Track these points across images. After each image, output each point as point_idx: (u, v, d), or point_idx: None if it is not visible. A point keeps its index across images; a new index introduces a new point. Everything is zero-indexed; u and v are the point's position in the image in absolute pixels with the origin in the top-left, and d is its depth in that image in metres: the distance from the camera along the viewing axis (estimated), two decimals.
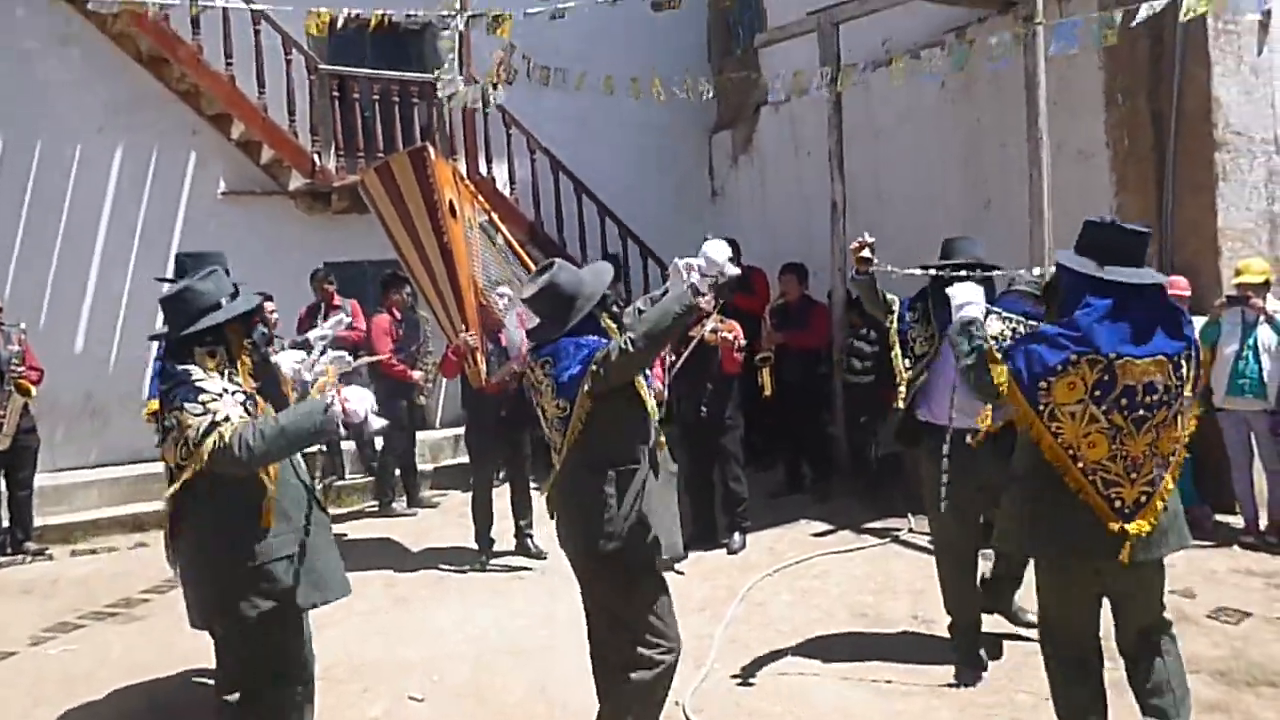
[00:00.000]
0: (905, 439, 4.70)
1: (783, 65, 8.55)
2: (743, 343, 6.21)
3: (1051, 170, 6.31)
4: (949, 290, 3.40)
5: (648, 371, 3.50)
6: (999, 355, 3.09)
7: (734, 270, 3.35)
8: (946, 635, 4.52)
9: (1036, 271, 4.36)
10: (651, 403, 3.42)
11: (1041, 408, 3.00)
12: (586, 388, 3.20)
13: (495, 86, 8.20)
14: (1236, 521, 5.94)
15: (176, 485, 3.07)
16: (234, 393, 3.08)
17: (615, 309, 3.63)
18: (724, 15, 10.86)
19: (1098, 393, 2.95)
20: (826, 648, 4.65)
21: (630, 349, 3.17)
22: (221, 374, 3.11)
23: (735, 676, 4.40)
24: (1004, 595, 4.69)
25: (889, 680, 4.26)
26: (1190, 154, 6.37)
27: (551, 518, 3.51)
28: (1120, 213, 6.70)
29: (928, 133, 8.20)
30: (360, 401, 3.16)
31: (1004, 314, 4.53)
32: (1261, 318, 5.73)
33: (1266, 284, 5.80)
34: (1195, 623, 4.66)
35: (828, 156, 7.76)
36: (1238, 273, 5.82)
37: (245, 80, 8.50)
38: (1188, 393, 3.07)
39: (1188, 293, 5.92)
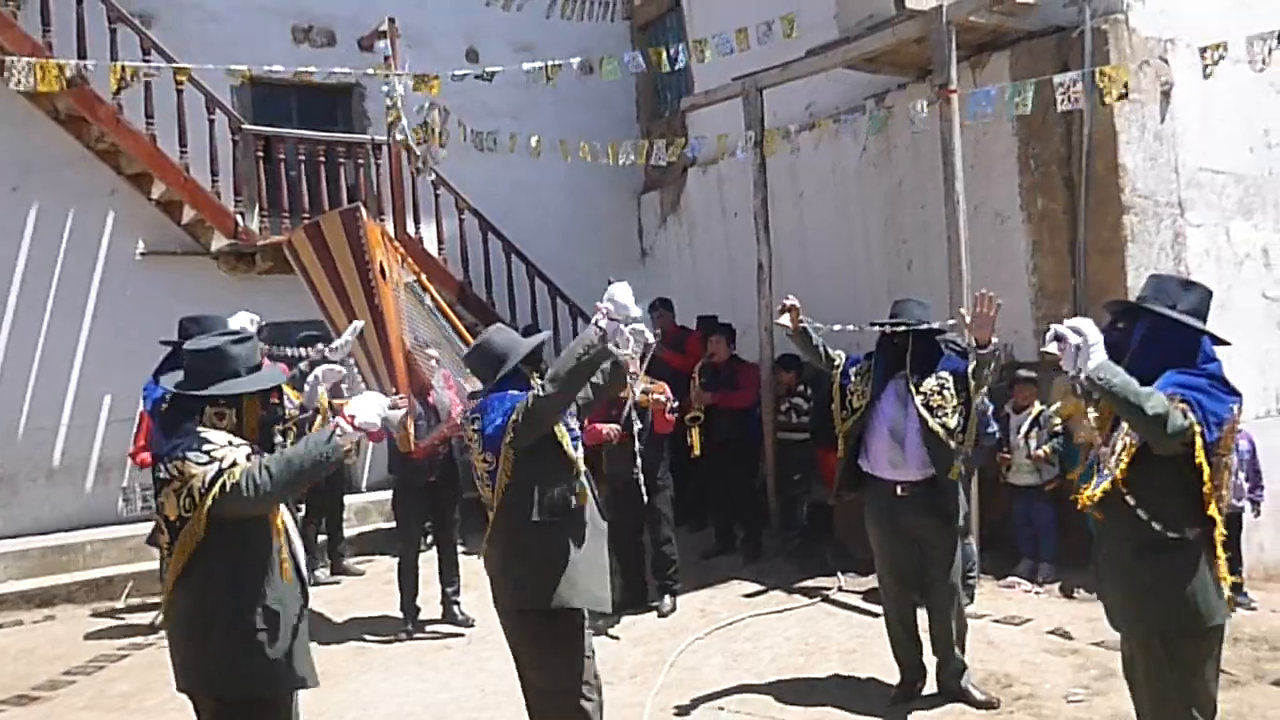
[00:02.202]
0: (848, 484, 4.78)
1: (709, 129, 8.73)
2: (675, 403, 6.21)
3: (969, 232, 6.49)
4: (1069, 322, 3.01)
5: (572, 426, 3.52)
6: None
7: (638, 311, 3.46)
8: (878, 693, 4.59)
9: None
10: (577, 457, 3.47)
11: (1213, 463, 2.92)
12: (508, 439, 3.31)
13: (443, 147, 8.25)
14: None
15: (186, 541, 2.93)
16: (239, 445, 3.01)
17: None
18: (652, 79, 11.05)
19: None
20: (757, 714, 4.59)
21: (541, 394, 3.31)
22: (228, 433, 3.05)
23: None
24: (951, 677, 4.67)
25: None
26: (1100, 217, 6.60)
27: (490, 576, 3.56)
28: (1037, 274, 6.93)
29: (850, 195, 8.38)
30: (368, 408, 3.00)
31: (938, 372, 4.67)
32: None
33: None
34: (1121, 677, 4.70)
35: (753, 218, 7.88)
36: None
37: (167, 140, 8.36)
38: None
39: None
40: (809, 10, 7.70)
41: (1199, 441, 2.87)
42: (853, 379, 4.75)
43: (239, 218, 8.69)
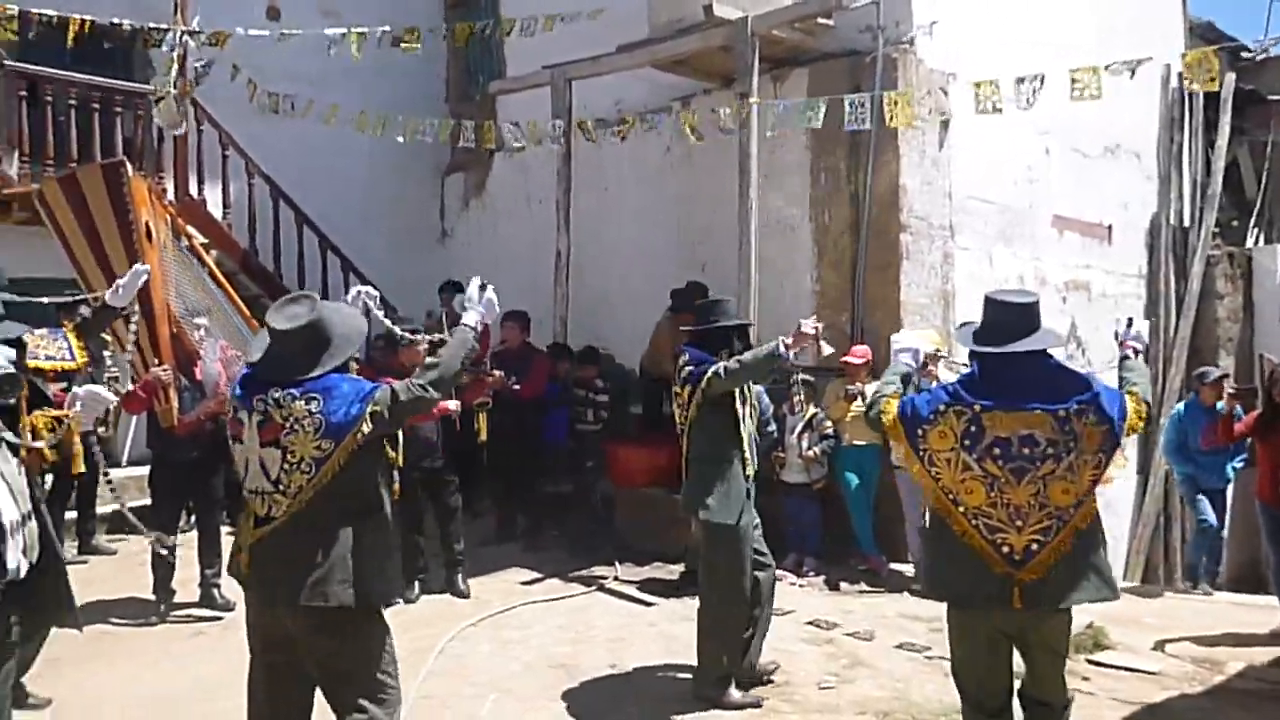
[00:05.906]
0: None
1: (518, 114, 8.63)
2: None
3: (759, 240, 6.71)
4: (894, 336, 3.82)
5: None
6: (893, 402, 3.41)
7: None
8: (642, 683, 4.71)
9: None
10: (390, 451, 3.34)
11: (921, 453, 3.26)
12: (366, 429, 3.06)
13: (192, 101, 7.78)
14: (908, 570, 6.48)
15: None
16: None
17: None
18: (464, 60, 10.85)
19: (967, 442, 3.17)
20: (522, 701, 4.58)
21: (426, 393, 3.16)
22: None
23: None
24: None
25: None
26: (879, 233, 6.97)
27: (247, 567, 3.20)
28: (820, 283, 7.26)
29: (653, 194, 8.51)
30: None
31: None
32: (934, 384, 6.33)
33: (938, 354, 6.43)
34: (869, 665, 4.98)
35: (555, 207, 7.87)
36: None
37: None
38: (1090, 448, 3.09)
39: (866, 359, 6.48)
40: (623, 6, 7.77)
41: (902, 434, 3.29)
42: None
43: None
